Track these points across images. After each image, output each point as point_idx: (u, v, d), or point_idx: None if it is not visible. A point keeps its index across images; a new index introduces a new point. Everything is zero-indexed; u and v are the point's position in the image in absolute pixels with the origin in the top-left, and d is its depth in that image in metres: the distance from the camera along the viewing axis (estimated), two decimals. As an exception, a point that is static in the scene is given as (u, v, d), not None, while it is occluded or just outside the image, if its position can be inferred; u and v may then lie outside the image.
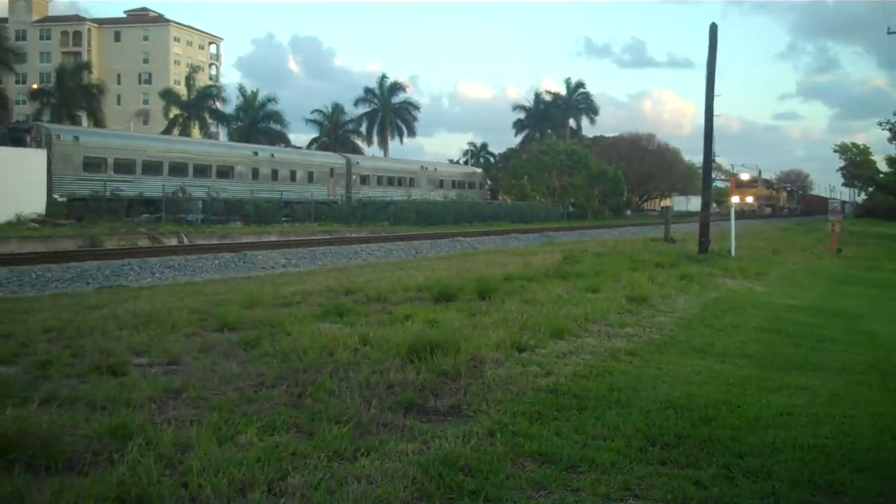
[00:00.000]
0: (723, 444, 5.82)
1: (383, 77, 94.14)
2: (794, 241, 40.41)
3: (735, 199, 36.19)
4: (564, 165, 79.94)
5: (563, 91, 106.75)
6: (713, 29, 27.19)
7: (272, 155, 57.33)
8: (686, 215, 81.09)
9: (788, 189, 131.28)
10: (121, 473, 4.55)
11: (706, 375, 8.30)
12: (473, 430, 5.81)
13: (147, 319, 9.98)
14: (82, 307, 11.26)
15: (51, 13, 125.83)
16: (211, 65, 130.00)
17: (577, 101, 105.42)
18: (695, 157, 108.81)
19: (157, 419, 5.76)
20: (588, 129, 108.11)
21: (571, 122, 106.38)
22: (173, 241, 32.07)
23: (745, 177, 77.57)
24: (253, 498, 4.47)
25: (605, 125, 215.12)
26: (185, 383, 6.82)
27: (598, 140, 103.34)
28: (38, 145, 41.39)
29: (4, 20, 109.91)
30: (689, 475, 5.22)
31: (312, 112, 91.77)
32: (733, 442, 5.90)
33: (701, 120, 28.13)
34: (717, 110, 27.33)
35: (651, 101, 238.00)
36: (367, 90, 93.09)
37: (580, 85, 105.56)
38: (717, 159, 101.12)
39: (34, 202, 38.14)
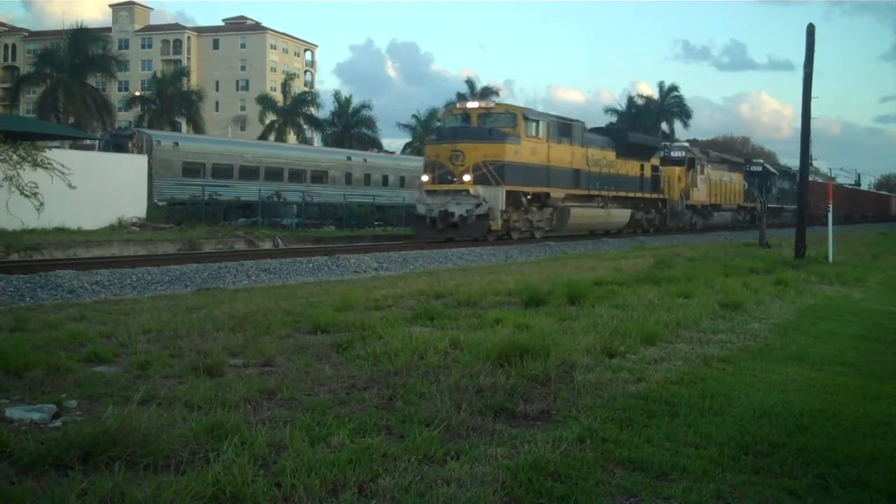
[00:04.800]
0: (818, 454, 5.69)
1: (475, 81, 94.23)
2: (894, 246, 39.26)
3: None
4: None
5: (655, 94, 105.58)
6: (810, 30, 26.59)
7: (365, 160, 57.86)
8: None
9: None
10: (216, 472, 4.64)
11: (801, 383, 8.13)
12: (563, 435, 5.80)
13: (243, 321, 10.18)
14: (180, 309, 11.54)
15: (152, 22, 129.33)
16: (306, 71, 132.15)
17: (669, 105, 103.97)
18: (792, 161, 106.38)
19: (251, 419, 5.88)
20: (682, 133, 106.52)
21: (664, 126, 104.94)
22: (268, 245, 32.63)
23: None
24: (344, 499, 4.54)
25: (700, 128, 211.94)
26: (278, 384, 6.94)
27: (691, 144, 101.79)
28: (140, 151, 42.50)
29: (108, 30, 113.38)
30: (784, 484, 5.12)
31: (410, 117, 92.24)
32: (829, 451, 5.77)
33: (799, 123, 27.47)
34: (815, 113, 26.89)
35: (748, 104, 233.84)
36: (459, 95, 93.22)
37: (673, 88, 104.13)
38: (815, 163, 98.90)
39: (135, 206, 39.16)
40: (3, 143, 25.78)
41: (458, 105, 40.67)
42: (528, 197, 34.54)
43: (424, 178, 33.49)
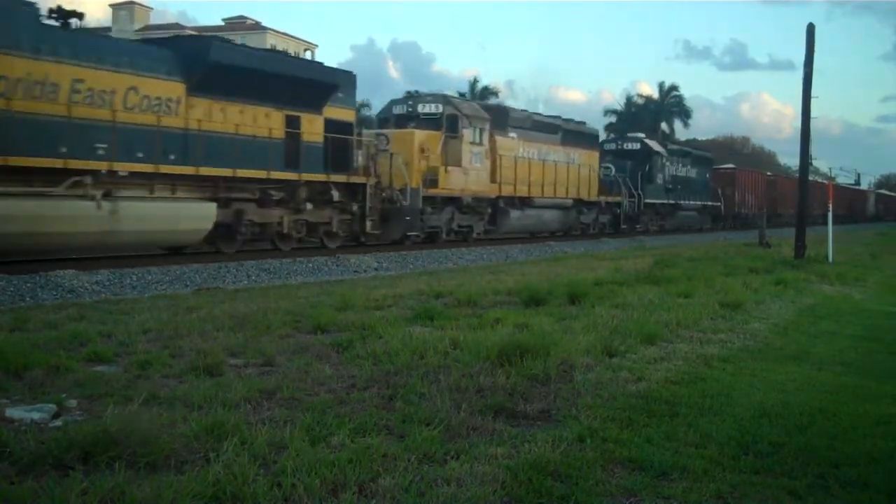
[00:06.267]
0: (818, 454, 5.69)
1: (475, 81, 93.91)
2: (894, 246, 39.25)
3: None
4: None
5: (655, 94, 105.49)
6: (810, 29, 26.58)
7: None
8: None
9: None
10: (217, 472, 4.65)
11: (801, 383, 8.13)
12: (563, 435, 5.80)
13: (243, 321, 10.19)
14: (180, 308, 11.54)
15: (152, 21, 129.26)
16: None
17: (669, 104, 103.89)
18: (793, 161, 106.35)
19: (251, 419, 5.88)
20: (682, 133, 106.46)
21: (664, 126, 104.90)
22: (268, 245, 32.41)
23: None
24: (345, 499, 4.54)
25: (701, 128, 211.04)
26: (279, 384, 6.95)
27: (690, 143, 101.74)
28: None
29: (108, 29, 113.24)
30: (784, 484, 5.13)
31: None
32: (829, 451, 5.77)
33: (799, 123, 27.40)
34: (816, 112, 26.67)
35: (749, 104, 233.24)
36: (460, 94, 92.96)
37: (673, 88, 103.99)
38: (815, 162, 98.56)
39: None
40: None
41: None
42: None
43: None
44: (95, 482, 4.45)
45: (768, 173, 73.27)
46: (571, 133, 39.24)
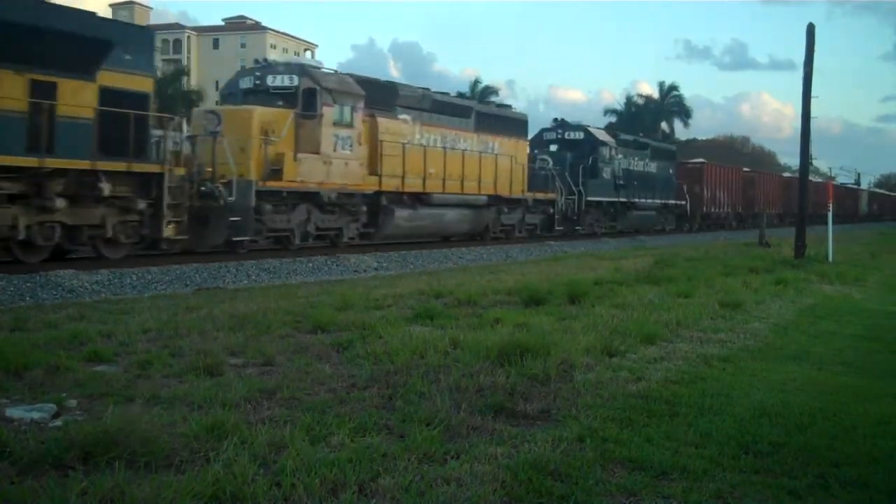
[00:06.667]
0: (818, 453, 5.69)
1: (476, 81, 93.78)
2: (894, 246, 39.23)
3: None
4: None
5: (655, 94, 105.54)
6: (810, 29, 26.59)
7: None
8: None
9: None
10: (216, 472, 4.65)
11: (801, 383, 8.13)
12: (563, 434, 5.80)
13: (243, 321, 10.19)
14: (181, 308, 11.54)
15: (152, 21, 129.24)
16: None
17: (669, 104, 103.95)
18: (793, 161, 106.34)
19: (251, 419, 5.88)
20: (682, 133, 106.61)
21: (664, 126, 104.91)
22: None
23: None
24: (344, 498, 4.54)
25: (701, 128, 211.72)
26: (279, 384, 6.95)
27: (690, 143, 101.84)
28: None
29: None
30: (784, 484, 5.12)
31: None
32: (829, 451, 5.77)
33: (799, 122, 27.39)
34: (816, 112, 26.46)
35: (749, 104, 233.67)
36: (460, 94, 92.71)
37: (673, 87, 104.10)
38: (815, 162, 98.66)
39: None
40: None
41: None
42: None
43: None
44: (95, 482, 4.45)
45: (745, 169, 66.52)
46: (489, 118, 32.55)
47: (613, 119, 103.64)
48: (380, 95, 26.28)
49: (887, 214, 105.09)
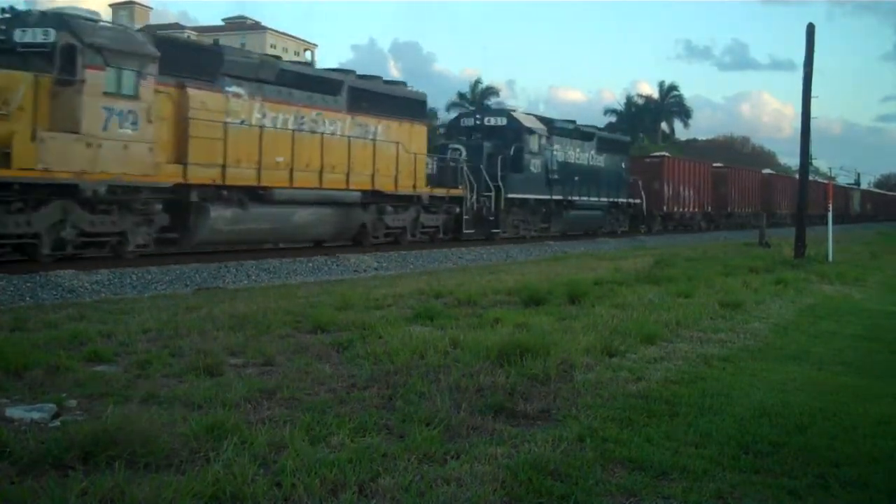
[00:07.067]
0: (818, 453, 5.69)
1: (476, 81, 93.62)
2: (894, 246, 39.24)
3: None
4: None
5: (655, 94, 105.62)
6: (810, 29, 26.61)
7: None
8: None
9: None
10: (216, 472, 4.65)
11: (801, 382, 8.13)
12: (563, 434, 5.80)
13: (243, 321, 10.18)
14: (181, 308, 11.53)
15: (152, 21, 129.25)
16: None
17: (669, 104, 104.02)
18: (792, 160, 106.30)
19: (251, 419, 5.88)
20: (682, 133, 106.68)
21: (664, 126, 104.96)
22: (268, 244, 32.31)
23: None
24: (345, 498, 4.53)
25: (701, 128, 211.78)
26: (278, 384, 6.95)
27: (690, 143, 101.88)
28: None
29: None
30: (784, 484, 5.12)
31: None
32: (829, 451, 5.77)
33: (799, 122, 27.39)
34: (816, 112, 26.50)
35: (749, 104, 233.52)
36: (461, 94, 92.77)
37: (673, 87, 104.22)
38: (815, 162, 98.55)
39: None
40: None
41: None
42: None
43: None
44: (95, 482, 4.45)
45: (716, 164, 59.47)
46: (369, 95, 25.91)
47: (613, 119, 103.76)
48: (192, 61, 20.44)
49: (881, 214, 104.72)
